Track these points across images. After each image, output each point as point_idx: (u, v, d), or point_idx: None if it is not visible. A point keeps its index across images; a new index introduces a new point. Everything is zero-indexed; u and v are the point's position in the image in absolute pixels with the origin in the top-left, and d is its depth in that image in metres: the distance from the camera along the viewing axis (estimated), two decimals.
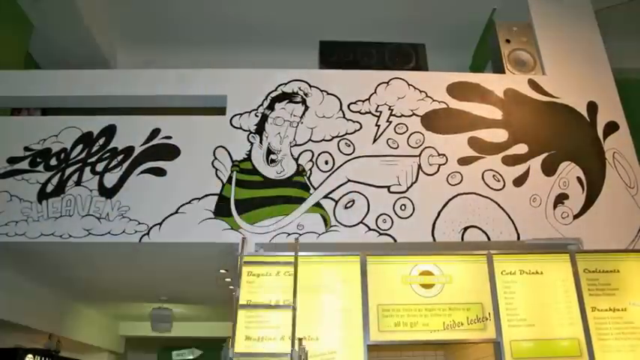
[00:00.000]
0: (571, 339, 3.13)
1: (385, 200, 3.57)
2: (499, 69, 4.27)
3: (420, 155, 3.73)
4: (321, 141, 3.76)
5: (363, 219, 3.51)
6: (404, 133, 3.81)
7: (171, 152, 3.69)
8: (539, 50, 4.26)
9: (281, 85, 3.95)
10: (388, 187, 3.62)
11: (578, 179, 3.71)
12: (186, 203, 3.51)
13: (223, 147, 3.71)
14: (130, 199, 3.53)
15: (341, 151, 3.73)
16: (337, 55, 4.38)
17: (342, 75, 4.05)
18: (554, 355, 3.09)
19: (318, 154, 3.71)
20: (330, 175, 3.64)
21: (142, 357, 9.24)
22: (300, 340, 2.93)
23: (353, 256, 3.32)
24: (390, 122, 3.84)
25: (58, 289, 5.23)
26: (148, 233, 3.43)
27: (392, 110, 3.89)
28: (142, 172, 3.63)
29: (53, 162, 3.64)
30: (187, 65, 4.27)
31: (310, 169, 3.66)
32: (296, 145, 3.75)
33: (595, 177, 3.74)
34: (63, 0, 4.71)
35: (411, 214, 3.54)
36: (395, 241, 3.46)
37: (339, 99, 3.90)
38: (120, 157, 3.66)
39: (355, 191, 3.59)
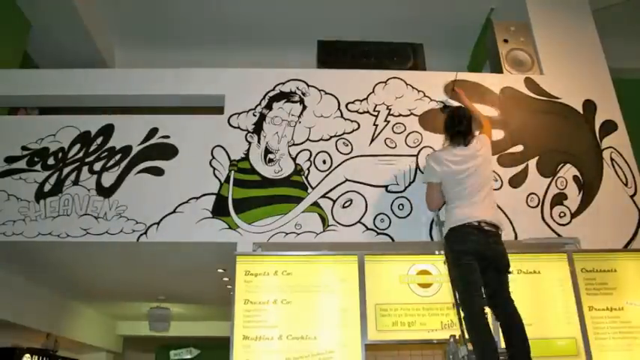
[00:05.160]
0: (568, 338, 3.14)
1: (383, 200, 3.57)
2: (497, 69, 4.27)
3: (417, 155, 3.73)
4: (319, 140, 3.76)
5: (361, 218, 3.51)
6: (402, 132, 3.81)
7: (169, 151, 3.69)
8: (536, 50, 4.26)
9: (279, 84, 3.95)
10: (386, 187, 3.62)
11: (576, 179, 3.71)
12: (184, 203, 3.51)
13: (221, 146, 3.70)
14: (127, 198, 3.53)
15: (339, 151, 3.72)
16: (335, 54, 4.37)
17: (340, 74, 4.05)
18: (551, 354, 3.10)
19: (316, 154, 3.71)
20: (328, 174, 3.64)
21: (140, 356, 9.25)
22: None
23: (351, 256, 3.32)
24: (388, 122, 3.84)
25: (55, 289, 5.23)
26: (145, 233, 3.43)
27: (390, 110, 3.88)
28: (139, 172, 3.62)
29: (51, 161, 3.64)
30: (185, 65, 4.27)
31: (308, 169, 3.66)
32: (294, 144, 3.75)
33: (592, 176, 3.74)
34: None
35: (409, 214, 3.54)
36: (393, 240, 3.46)
37: (337, 98, 3.90)
38: (118, 157, 3.66)
39: (353, 191, 3.59)
